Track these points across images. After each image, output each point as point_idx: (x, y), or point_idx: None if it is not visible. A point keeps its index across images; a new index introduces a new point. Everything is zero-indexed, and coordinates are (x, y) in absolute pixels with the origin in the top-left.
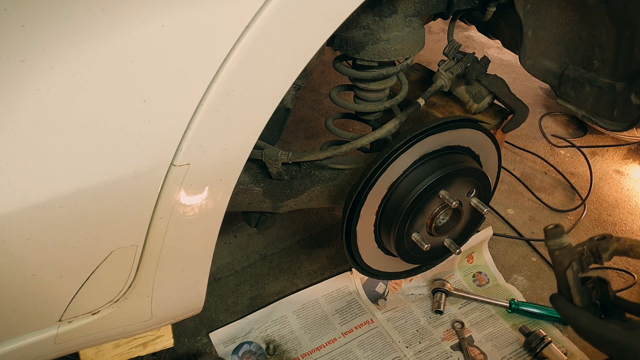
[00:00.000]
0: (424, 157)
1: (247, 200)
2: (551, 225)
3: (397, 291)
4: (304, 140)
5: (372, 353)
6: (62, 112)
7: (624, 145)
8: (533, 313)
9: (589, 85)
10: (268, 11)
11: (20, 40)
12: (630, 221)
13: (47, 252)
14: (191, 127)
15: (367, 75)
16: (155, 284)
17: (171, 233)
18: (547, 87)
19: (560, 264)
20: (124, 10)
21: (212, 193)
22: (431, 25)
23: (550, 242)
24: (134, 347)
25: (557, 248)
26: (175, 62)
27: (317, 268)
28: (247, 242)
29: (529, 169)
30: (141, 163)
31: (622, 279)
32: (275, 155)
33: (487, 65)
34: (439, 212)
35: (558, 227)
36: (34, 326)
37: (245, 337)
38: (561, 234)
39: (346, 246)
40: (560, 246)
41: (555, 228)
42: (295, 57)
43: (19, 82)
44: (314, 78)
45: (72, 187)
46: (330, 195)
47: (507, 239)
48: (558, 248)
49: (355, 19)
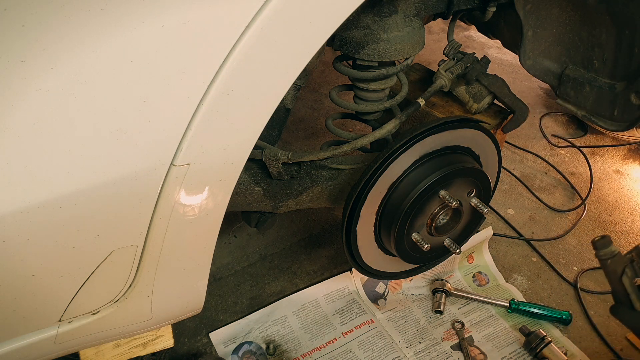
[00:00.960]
0: (424, 157)
1: (247, 200)
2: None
3: (397, 291)
4: (304, 140)
5: (372, 353)
6: (62, 112)
7: (624, 145)
8: (533, 313)
9: (589, 85)
10: (268, 11)
11: (20, 40)
12: (630, 221)
13: (47, 252)
14: (191, 127)
15: (367, 75)
16: (155, 284)
17: (171, 233)
18: (547, 87)
19: (614, 272)
20: (124, 10)
21: (212, 193)
22: (431, 25)
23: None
24: (134, 347)
25: (608, 257)
26: (175, 62)
27: (317, 268)
28: (247, 242)
29: (529, 169)
30: (141, 163)
31: None
32: (275, 155)
33: (487, 65)
34: (439, 212)
35: (605, 238)
36: (34, 326)
37: (245, 337)
38: (609, 243)
39: (346, 246)
40: (612, 254)
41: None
42: (296, 57)
43: (19, 82)
44: (314, 78)
45: (72, 187)
46: (330, 195)
47: (507, 239)
48: (610, 257)
49: (355, 19)
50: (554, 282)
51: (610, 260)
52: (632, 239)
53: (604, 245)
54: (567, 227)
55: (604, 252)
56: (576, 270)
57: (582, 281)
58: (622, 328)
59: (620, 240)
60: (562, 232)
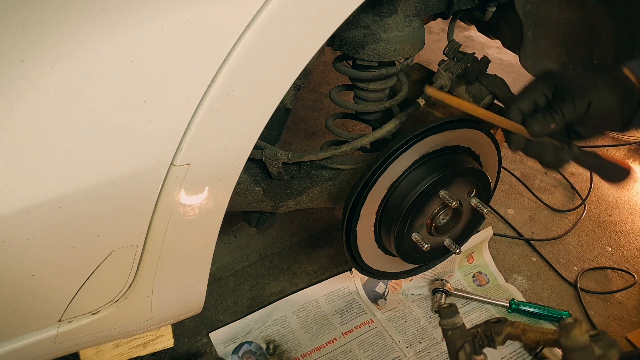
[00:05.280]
0: (424, 157)
1: (247, 200)
2: (445, 304)
3: (397, 291)
4: (304, 140)
5: (372, 353)
6: (62, 112)
7: (624, 145)
8: (533, 313)
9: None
10: (268, 11)
11: (20, 40)
12: (630, 221)
13: (47, 252)
14: (191, 127)
15: (367, 75)
16: (155, 284)
17: (171, 233)
18: None
19: (453, 344)
20: (123, 10)
21: (212, 193)
22: (431, 25)
23: (443, 321)
24: (134, 347)
25: (450, 328)
26: (175, 62)
27: (317, 268)
28: (247, 242)
29: (529, 169)
30: (141, 163)
31: (622, 279)
32: (275, 155)
33: (487, 65)
34: (439, 212)
35: (452, 307)
36: (34, 326)
37: (245, 337)
38: (454, 313)
39: (346, 246)
40: (454, 326)
41: (449, 307)
42: (296, 57)
43: (19, 82)
44: (314, 78)
45: (72, 187)
46: (330, 195)
47: (507, 239)
48: (451, 328)
49: (355, 19)
50: (554, 282)
51: (452, 331)
52: (632, 238)
53: (447, 314)
54: (567, 227)
55: (446, 322)
56: (576, 270)
57: (582, 281)
58: (622, 328)
59: (620, 240)
60: (562, 232)
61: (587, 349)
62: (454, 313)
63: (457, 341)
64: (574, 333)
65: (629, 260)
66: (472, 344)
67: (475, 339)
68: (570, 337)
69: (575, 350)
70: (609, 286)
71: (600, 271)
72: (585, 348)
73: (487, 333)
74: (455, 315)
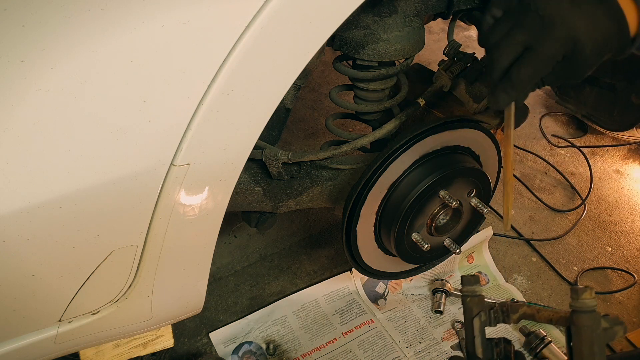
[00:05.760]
0: (424, 157)
1: (247, 200)
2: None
3: (397, 291)
4: (304, 140)
5: (372, 353)
6: (62, 112)
7: (624, 145)
8: None
9: (589, 86)
10: (268, 11)
11: (20, 40)
12: (630, 221)
13: (47, 252)
14: (191, 127)
15: (367, 75)
16: (155, 284)
17: (171, 233)
18: (547, 87)
19: (469, 310)
20: (123, 10)
21: (212, 193)
22: (431, 25)
23: (464, 288)
24: (134, 347)
25: (469, 295)
26: (175, 62)
27: (317, 268)
28: (247, 242)
29: (529, 169)
30: (141, 163)
31: (622, 279)
32: (275, 155)
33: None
34: (439, 212)
35: (475, 277)
36: (34, 326)
37: (245, 337)
38: (476, 282)
39: (346, 246)
40: (473, 293)
41: (472, 276)
42: (296, 57)
43: (19, 82)
44: (314, 78)
45: (72, 187)
46: (330, 195)
47: (507, 239)
48: (470, 295)
49: (355, 19)
50: (554, 282)
51: (470, 298)
52: (632, 238)
53: (469, 282)
54: (567, 227)
55: (467, 288)
56: (576, 270)
57: (582, 281)
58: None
59: (620, 240)
60: (562, 232)
61: (593, 313)
62: (476, 281)
63: (474, 308)
64: (584, 296)
65: (629, 260)
66: (488, 314)
67: (492, 310)
68: (579, 299)
69: (583, 312)
70: (609, 286)
71: (600, 271)
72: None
73: (503, 308)
74: (477, 284)
